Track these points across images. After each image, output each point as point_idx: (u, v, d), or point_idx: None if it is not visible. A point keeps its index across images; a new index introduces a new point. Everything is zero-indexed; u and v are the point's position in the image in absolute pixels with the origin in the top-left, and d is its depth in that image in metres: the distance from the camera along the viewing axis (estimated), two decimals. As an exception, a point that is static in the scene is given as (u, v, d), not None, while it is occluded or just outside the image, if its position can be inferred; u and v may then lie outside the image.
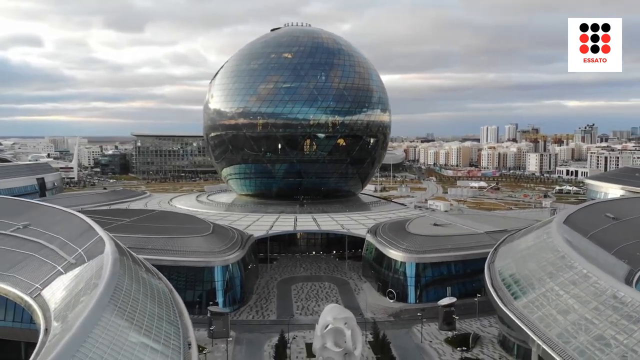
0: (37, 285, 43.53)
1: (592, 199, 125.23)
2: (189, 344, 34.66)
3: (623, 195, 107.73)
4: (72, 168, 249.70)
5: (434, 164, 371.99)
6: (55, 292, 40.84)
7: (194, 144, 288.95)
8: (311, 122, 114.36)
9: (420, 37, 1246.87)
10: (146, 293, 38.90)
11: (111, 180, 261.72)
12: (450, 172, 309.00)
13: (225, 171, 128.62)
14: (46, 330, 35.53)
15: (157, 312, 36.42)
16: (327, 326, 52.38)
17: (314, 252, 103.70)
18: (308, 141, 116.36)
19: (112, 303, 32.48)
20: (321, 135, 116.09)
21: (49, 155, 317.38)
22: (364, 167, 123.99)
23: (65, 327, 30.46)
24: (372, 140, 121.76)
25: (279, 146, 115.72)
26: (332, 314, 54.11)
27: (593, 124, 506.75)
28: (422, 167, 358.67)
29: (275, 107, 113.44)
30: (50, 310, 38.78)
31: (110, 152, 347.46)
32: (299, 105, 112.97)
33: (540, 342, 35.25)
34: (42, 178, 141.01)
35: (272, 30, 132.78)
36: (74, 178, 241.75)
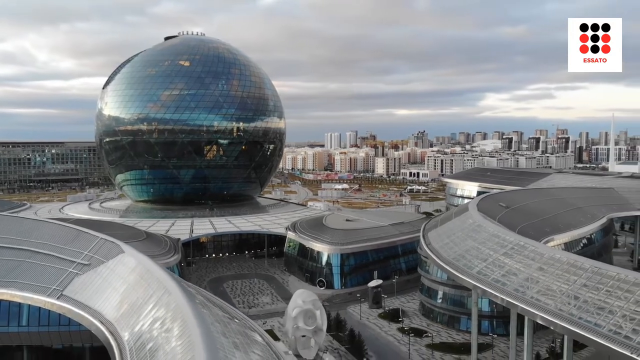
0: (54, 287, 44.47)
1: (452, 195, 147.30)
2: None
3: (480, 192, 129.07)
4: None
5: (292, 168, 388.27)
6: (89, 292, 42.69)
7: (44, 151, 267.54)
8: (215, 129, 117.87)
9: (271, 45, 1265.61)
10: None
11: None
12: (311, 176, 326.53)
13: (121, 177, 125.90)
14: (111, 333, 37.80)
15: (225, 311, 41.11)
16: (295, 309, 60.96)
17: (227, 254, 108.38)
18: (214, 147, 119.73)
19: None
20: (225, 141, 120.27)
21: None
22: (264, 172, 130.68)
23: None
24: (271, 147, 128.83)
25: (184, 152, 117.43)
26: (301, 298, 62.61)
27: (424, 131, 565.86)
28: (285, 171, 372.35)
29: (181, 114, 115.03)
30: (93, 307, 40.99)
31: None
32: (205, 112, 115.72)
33: (503, 296, 46.97)
34: None
35: (166, 38, 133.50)
36: None
